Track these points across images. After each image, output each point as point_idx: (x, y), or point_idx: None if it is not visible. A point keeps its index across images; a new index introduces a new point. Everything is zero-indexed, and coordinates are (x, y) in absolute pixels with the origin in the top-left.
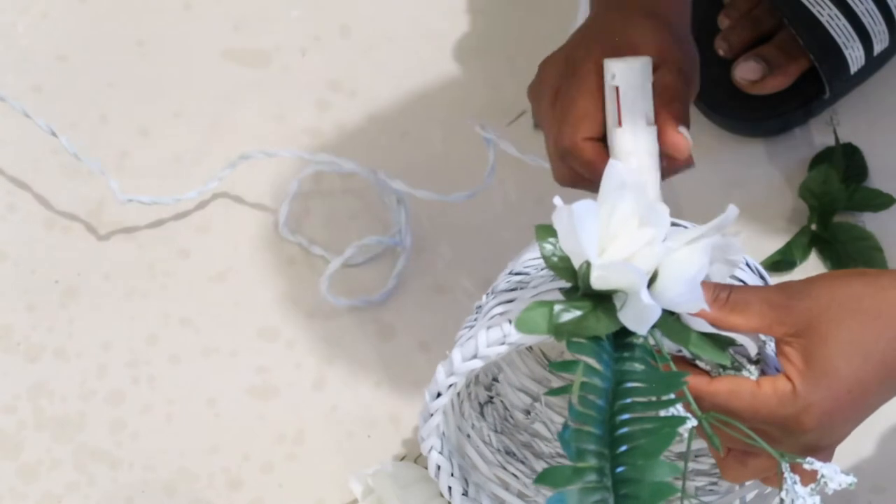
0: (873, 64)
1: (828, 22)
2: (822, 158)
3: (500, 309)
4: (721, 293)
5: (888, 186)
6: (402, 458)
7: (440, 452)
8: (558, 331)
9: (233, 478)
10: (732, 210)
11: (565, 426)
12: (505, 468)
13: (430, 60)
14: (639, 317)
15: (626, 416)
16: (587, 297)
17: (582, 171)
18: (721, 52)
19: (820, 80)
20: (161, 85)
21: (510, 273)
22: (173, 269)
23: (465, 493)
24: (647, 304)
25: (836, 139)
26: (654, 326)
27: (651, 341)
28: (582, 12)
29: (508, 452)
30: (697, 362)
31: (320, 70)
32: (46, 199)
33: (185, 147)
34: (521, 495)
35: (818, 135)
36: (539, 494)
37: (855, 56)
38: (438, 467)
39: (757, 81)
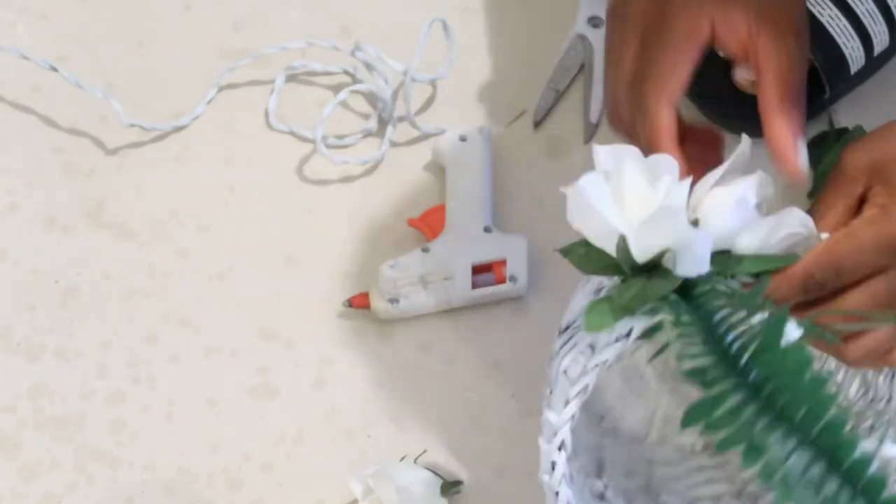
0: (873, 64)
1: (828, 22)
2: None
3: (570, 358)
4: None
5: None
6: (402, 458)
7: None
8: (626, 308)
9: (233, 478)
10: (745, 141)
11: (687, 370)
12: None
13: (430, 60)
14: (694, 257)
15: (730, 337)
16: (638, 275)
17: (641, 136)
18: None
19: (820, 80)
20: (161, 85)
21: (561, 332)
22: (173, 269)
23: None
24: (695, 236)
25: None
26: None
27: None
28: (582, 12)
29: None
30: None
31: (320, 70)
32: (46, 199)
33: (186, 146)
34: None
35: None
36: None
37: (855, 56)
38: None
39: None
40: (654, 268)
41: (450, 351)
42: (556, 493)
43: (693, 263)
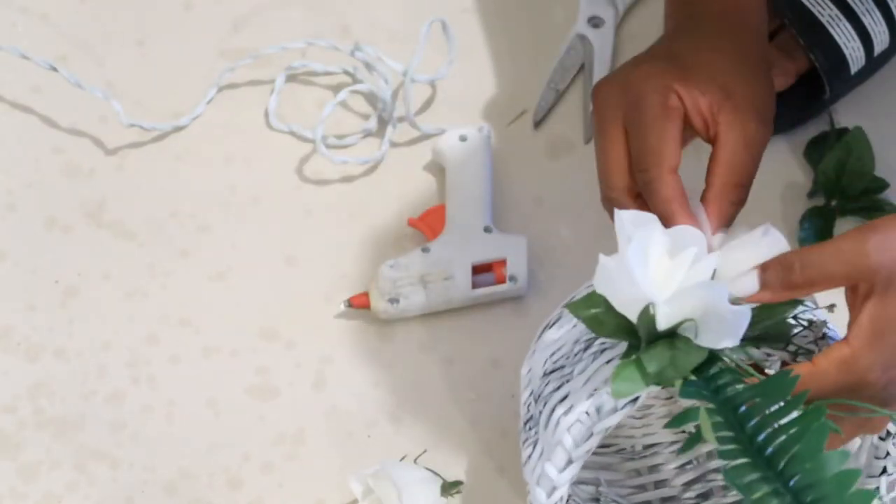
0: (873, 64)
1: (828, 22)
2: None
3: (561, 409)
4: (790, 270)
5: (891, 186)
6: (402, 458)
7: None
8: (658, 379)
9: (233, 478)
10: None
11: (724, 469)
12: None
13: (430, 60)
14: (725, 328)
15: (763, 436)
16: (656, 343)
17: (656, 205)
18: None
19: (820, 80)
20: (161, 85)
21: (545, 375)
22: (173, 269)
23: None
24: (735, 311)
25: (832, 123)
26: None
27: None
28: (582, 12)
29: None
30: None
31: (320, 70)
32: (46, 199)
33: (186, 146)
34: None
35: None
36: None
37: (855, 56)
38: None
39: None
40: (671, 336)
41: (450, 351)
42: None
43: (724, 334)
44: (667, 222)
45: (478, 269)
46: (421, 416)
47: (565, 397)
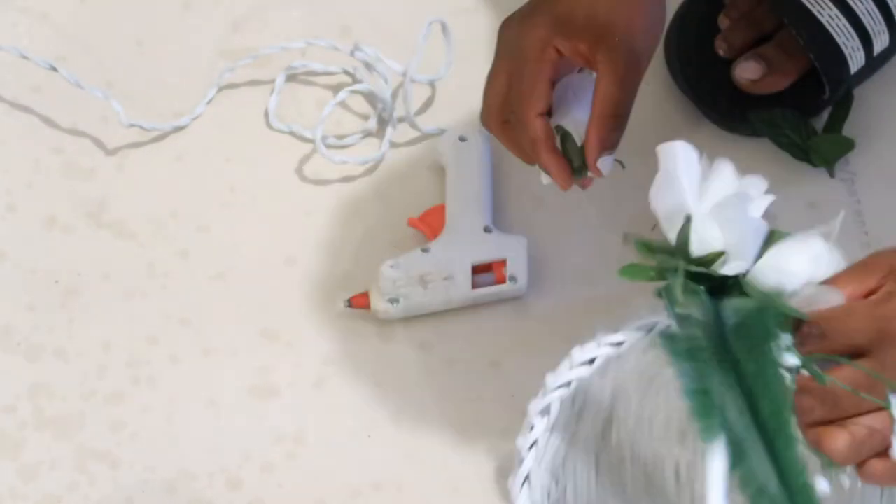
0: (873, 64)
1: (828, 22)
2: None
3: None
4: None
5: (890, 184)
6: None
7: None
8: (660, 271)
9: (233, 478)
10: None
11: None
12: None
13: (430, 60)
14: (746, 250)
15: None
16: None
17: (524, 143)
18: (721, 52)
19: (820, 80)
20: (161, 85)
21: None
22: (173, 269)
23: None
24: (756, 224)
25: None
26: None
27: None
28: None
29: None
30: None
31: (320, 70)
32: (46, 199)
33: (186, 146)
34: None
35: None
36: None
37: (855, 56)
38: None
39: (757, 81)
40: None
41: (450, 351)
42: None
43: (740, 254)
44: (534, 159)
45: (478, 269)
46: (421, 416)
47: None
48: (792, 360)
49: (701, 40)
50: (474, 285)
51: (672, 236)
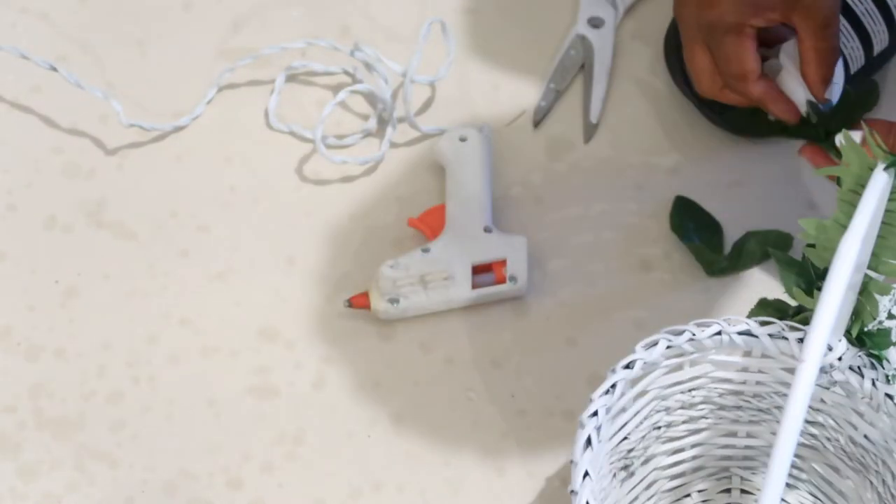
0: (873, 64)
1: None
2: None
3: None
4: None
5: None
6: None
7: None
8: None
9: (233, 478)
10: None
11: None
12: None
13: (430, 60)
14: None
15: None
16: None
17: (756, 102)
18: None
19: None
20: (161, 85)
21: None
22: (173, 269)
23: None
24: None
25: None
26: None
27: None
28: (582, 12)
29: None
30: None
31: (320, 70)
32: (46, 199)
33: (186, 146)
34: None
35: None
36: None
37: (855, 56)
38: None
39: None
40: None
41: (450, 351)
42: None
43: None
44: (767, 108)
45: (478, 269)
46: (421, 416)
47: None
48: None
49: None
50: (474, 285)
51: None
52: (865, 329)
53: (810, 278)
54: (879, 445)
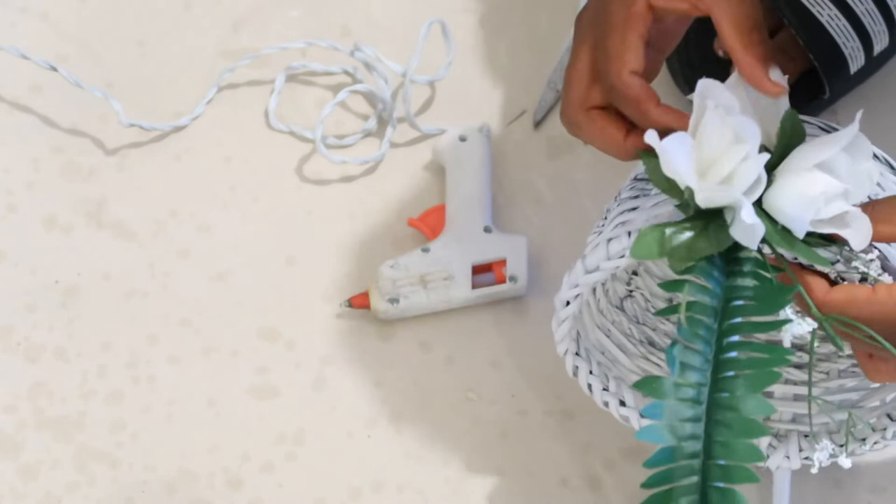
0: (873, 64)
1: (828, 22)
2: None
3: (622, 218)
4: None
5: None
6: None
7: (576, 353)
8: (671, 254)
9: (233, 478)
10: (857, 118)
11: (673, 342)
12: (648, 359)
13: (430, 60)
14: (747, 233)
15: (734, 339)
16: (698, 216)
17: (626, 108)
18: (721, 53)
19: (820, 80)
20: (161, 85)
21: (634, 179)
22: (173, 269)
23: (606, 389)
24: (750, 224)
25: None
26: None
27: (766, 249)
28: None
29: (650, 343)
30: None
31: (320, 70)
32: (46, 199)
33: (186, 146)
34: None
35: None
36: None
37: (855, 56)
38: (576, 367)
39: None
40: (715, 214)
41: (450, 351)
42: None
43: (746, 236)
44: (642, 121)
45: (478, 269)
46: (421, 416)
47: (634, 209)
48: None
49: (701, 40)
50: (474, 285)
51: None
52: None
53: None
54: None
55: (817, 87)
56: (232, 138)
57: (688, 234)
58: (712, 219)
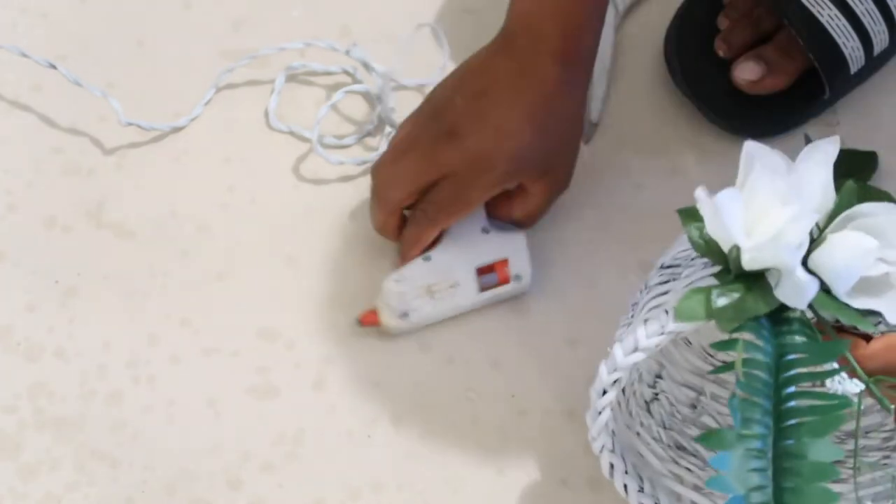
0: (873, 64)
1: (828, 22)
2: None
3: (654, 302)
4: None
5: (890, 186)
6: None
7: (612, 451)
8: (717, 316)
9: (233, 478)
10: None
11: (733, 394)
12: (677, 463)
13: (430, 60)
14: (796, 293)
15: (791, 389)
16: (740, 279)
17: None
18: (721, 53)
19: (820, 80)
20: (161, 85)
21: (661, 267)
22: (173, 269)
23: (642, 490)
24: (803, 281)
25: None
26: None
27: (809, 314)
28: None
29: (679, 447)
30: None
31: (320, 70)
32: (46, 199)
33: (186, 146)
34: (696, 488)
35: (818, 135)
36: None
37: (855, 56)
38: (612, 465)
39: (756, 81)
40: (758, 277)
41: (450, 351)
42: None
43: (793, 297)
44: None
45: (481, 272)
46: (421, 416)
47: (665, 293)
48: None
49: (701, 40)
50: (481, 288)
51: (722, 245)
52: None
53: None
54: None
55: (817, 87)
56: (231, 138)
57: (735, 296)
58: (755, 281)
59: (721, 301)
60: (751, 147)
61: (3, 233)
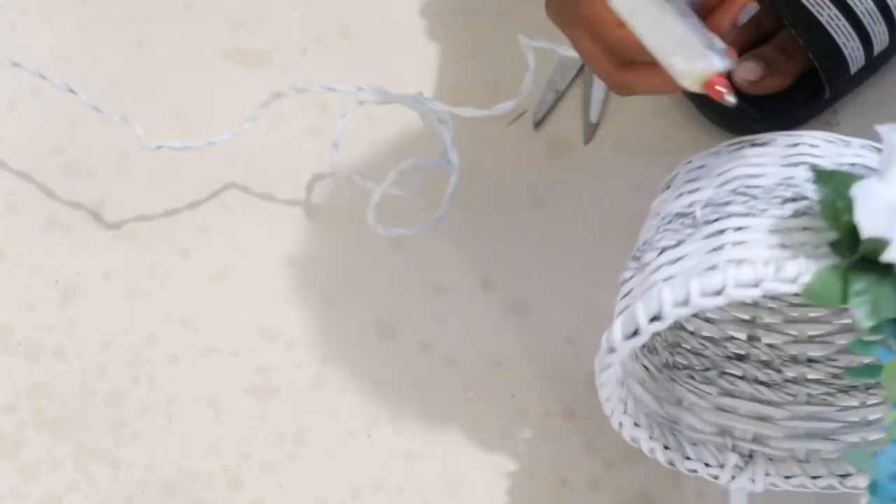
0: (873, 64)
1: (828, 22)
2: None
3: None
4: None
5: None
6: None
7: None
8: (855, 305)
9: (233, 478)
10: None
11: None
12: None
13: (430, 60)
14: None
15: None
16: (869, 267)
17: (633, 55)
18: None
19: (820, 80)
20: (161, 85)
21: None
22: (173, 269)
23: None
24: None
25: None
26: None
27: None
28: None
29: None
30: None
31: (320, 70)
32: (46, 199)
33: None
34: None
35: None
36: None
37: (855, 56)
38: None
39: (756, 82)
40: (887, 268)
41: (450, 351)
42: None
43: None
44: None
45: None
46: (421, 416)
47: (722, 230)
48: None
49: None
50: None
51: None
52: None
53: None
54: None
55: (817, 87)
56: (231, 138)
57: (872, 285)
58: (887, 274)
59: (859, 285)
60: (890, 129)
61: (3, 233)
